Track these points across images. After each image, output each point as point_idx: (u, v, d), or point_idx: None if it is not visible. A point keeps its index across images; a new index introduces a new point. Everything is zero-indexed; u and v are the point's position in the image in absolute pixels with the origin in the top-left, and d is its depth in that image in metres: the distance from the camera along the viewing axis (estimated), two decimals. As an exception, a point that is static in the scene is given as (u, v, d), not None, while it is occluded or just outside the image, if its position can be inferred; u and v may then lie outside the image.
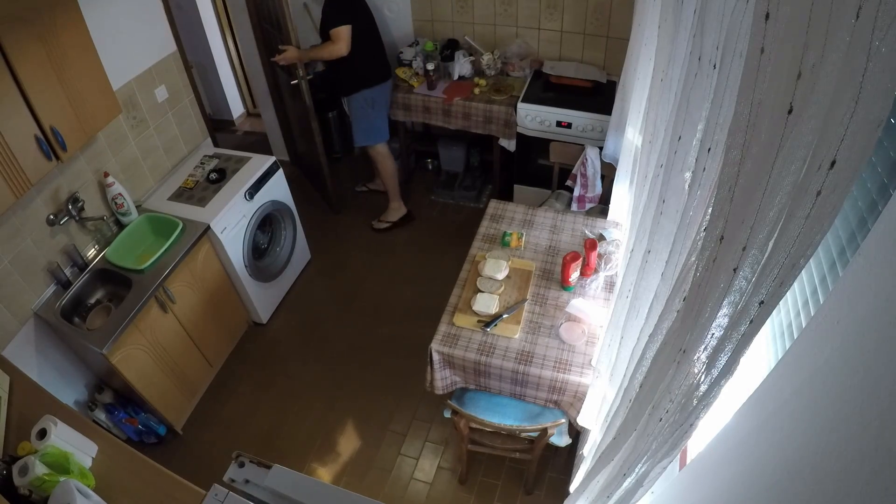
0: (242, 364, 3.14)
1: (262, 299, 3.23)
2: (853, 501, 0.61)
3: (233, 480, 1.55)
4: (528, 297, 2.28)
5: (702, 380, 0.88)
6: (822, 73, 0.56)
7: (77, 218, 2.47)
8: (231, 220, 2.81)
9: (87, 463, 1.65)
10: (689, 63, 1.13)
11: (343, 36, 2.97)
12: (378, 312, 3.34)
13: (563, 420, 2.06)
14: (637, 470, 1.18)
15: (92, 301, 2.56)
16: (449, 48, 3.46)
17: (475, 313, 2.21)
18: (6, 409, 1.80)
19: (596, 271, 2.33)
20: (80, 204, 2.47)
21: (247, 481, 1.55)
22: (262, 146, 4.43)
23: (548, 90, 3.23)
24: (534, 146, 3.28)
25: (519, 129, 3.25)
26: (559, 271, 2.35)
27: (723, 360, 0.82)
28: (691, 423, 0.96)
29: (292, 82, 3.26)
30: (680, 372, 0.95)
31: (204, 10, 4.34)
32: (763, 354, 1.19)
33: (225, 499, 1.50)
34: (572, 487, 1.86)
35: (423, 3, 3.49)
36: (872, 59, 0.49)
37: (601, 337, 2.04)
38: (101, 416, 2.62)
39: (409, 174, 4.17)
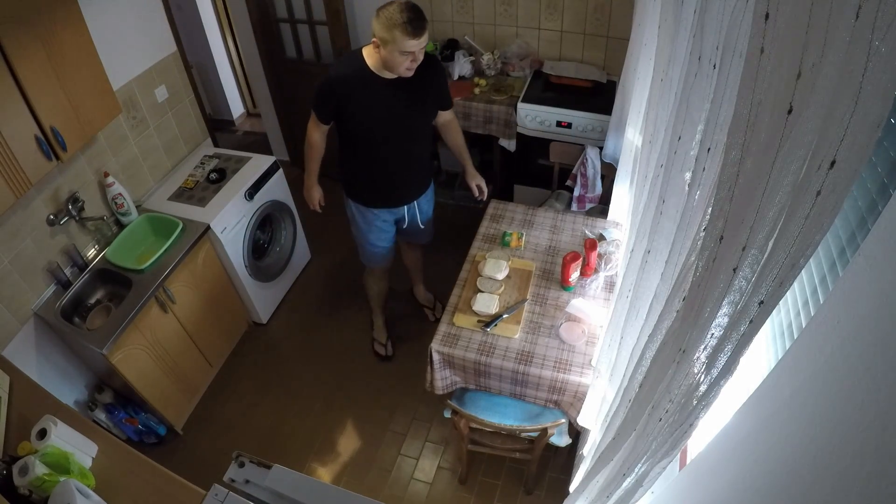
0: (242, 364, 3.14)
1: (262, 299, 3.23)
2: (853, 501, 0.61)
3: (233, 480, 1.55)
4: (528, 297, 2.28)
5: (701, 380, 0.88)
6: (821, 72, 0.56)
7: (77, 218, 2.47)
8: (231, 220, 2.81)
9: (87, 463, 1.65)
10: (689, 63, 1.13)
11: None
12: (378, 312, 3.33)
13: (563, 420, 2.06)
14: (637, 470, 1.18)
15: (92, 301, 2.55)
16: (449, 48, 3.46)
17: (475, 313, 2.21)
18: (6, 409, 1.80)
19: (596, 271, 2.33)
20: (80, 204, 2.47)
21: (247, 481, 1.54)
22: (262, 146, 4.43)
23: (548, 90, 3.23)
24: (534, 146, 3.28)
25: (519, 129, 3.25)
26: (559, 271, 2.35)
27: (722, 359, 0.82)
28: (691, 423, 0.96)
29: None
30: (679, 372, 0.95)
31: (204, 10, 4.34)
32: (763, 354, 1.19)
33: (225, 499, 1.50)
34: (572, 487, 1.86)
35: (423, 3, 3.44)
36: (872, 59, 0.49)
37: (601, 337, 2.04)
38: (101, 416, 2.62)
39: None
